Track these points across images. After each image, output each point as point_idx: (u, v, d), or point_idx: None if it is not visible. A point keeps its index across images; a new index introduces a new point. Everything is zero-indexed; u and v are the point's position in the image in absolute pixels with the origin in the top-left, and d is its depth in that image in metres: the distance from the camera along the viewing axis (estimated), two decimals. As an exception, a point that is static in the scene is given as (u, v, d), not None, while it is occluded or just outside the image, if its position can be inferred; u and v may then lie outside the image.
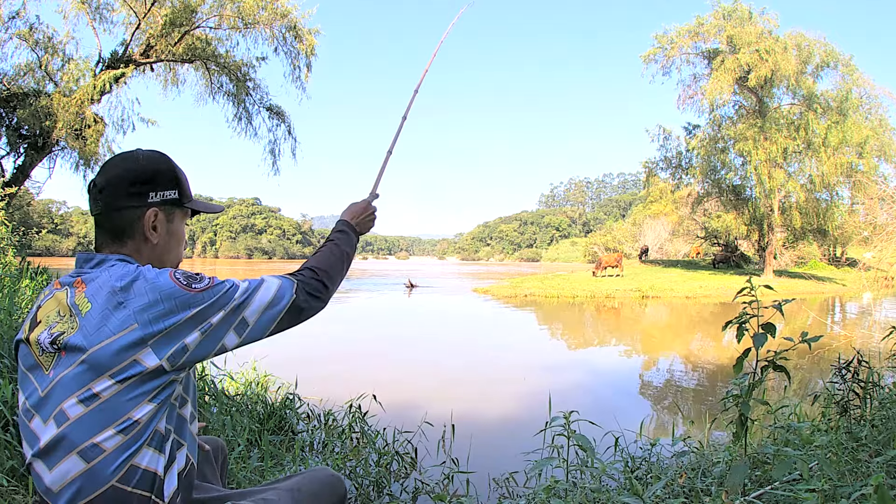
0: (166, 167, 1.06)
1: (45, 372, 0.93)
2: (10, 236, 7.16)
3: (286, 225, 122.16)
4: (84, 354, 0.89)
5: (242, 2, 13.13)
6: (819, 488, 1.63)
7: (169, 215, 1.07)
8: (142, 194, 1.02)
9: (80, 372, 0.90)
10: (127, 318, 0.90)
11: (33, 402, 0.94)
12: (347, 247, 1.29)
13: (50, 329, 0.94)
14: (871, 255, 15.53)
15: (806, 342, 1.65)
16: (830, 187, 22.85)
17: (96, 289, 0.94)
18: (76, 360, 0.90)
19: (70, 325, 0.93)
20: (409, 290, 22.10)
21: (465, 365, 7.22)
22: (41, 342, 0.94)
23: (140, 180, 1.02)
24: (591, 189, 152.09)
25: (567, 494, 2.23)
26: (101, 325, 0.90)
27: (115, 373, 0.89)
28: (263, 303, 1.02)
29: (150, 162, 1.05)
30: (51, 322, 0.95)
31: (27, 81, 12.80)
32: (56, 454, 0.90)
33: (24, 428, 0.95)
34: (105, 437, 0.89)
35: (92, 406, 0.89)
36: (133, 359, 0.90)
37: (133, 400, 0.91)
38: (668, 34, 24.16)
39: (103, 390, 0.89)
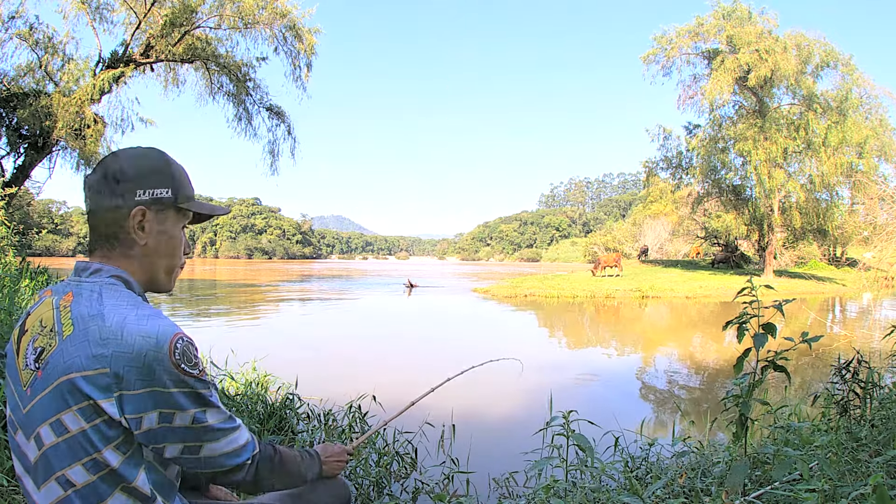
0: (159, 163, 0.98)
1: (23, 388, 0.90)
2: (11, 236, 7.16)
3: (286, 225, 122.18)
4: (55, 382, 0.86)
5: (242, 2, 13.14)
6: (819, 488, 1.64)
7: (160, 215, 0.98)
8: (128, 193, 0.94)
9: (51, 399, 0.86)
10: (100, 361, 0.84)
11: (16, 417, 0.91)
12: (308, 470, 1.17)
13: (34, 342, 0.90)
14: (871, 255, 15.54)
15: (806, 342, 1.65)
16: (830, 187, 22.85)
17: (82, 312, 0.88)
18: (49, 384, 0.86)
19: (50, 341, 0.88)
20: (409, 290, 22.10)
21: (464, 365, 7.21)
22: (27, 356, 0.90)
23: (127, 177, 0.94)
24: (591, 189, 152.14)
25: (567, 494, 2.23)
26: (74, 356, 0.85)
27: (81, 409, 0.85)
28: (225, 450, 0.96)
29: (141, 158, 0.97)
30: (35, 333, 0.91)
31: (27, 81, 12.81)
32: (40, 475, 0.87)
33: (11, 439, 0.92)
34: (75, 472, 0.85)
35: (62, 437, 0.85)
36: (93, 403, 0.85)
37: (101, 442, 0.86)
38: (668, 35, 24.16)
39: (71, 424, 0.85)
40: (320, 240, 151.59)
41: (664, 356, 8.62)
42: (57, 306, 0.91)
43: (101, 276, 0.93)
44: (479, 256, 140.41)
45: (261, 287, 23.06)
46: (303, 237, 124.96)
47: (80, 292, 0.91)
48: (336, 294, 20.04)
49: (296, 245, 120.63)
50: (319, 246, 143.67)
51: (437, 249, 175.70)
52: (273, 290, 21.66)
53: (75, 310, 0.88)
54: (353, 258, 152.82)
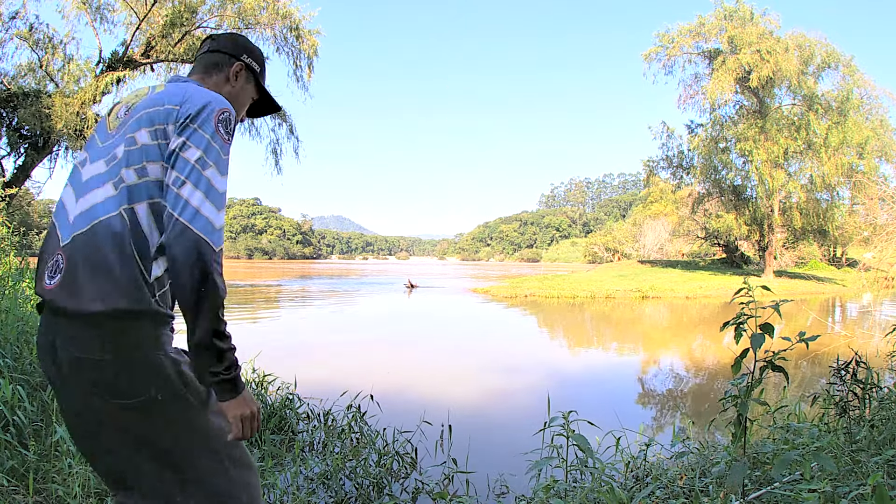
0: (262, 56, 1.39)
1: (108, 131, 1.16)
2: (11, 237, 7.17)
3: (286, 225, 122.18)
4: (139, 113, 1.11)
5: (243, 2, 13.15)
6: (819, 488, 1.64)
7: (247, 77, 1.34)
8: (239, 52, 1.32)
9: (132, 125, 1.11)
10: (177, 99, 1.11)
11: (91, 153, 1.15)
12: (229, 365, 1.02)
13: (126, 106, 1.18)
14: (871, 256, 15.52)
15: (803, 342, 1.66)
16: (831, 188, 22.85)
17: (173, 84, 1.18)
18: (133, 116, 1.12)
19: (140, 98, 1.17)
20: (410, 290, 22.10)
21: (464, 365, 7.23)
22: (118, 114, 1.18)
23: (243, 45, 1.34)
24: (592, 189, 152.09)
25: (567, 494, 2.23)
26: (161, 96, 1.13)
27: (151, 131, 1.08)
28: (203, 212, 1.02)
29: (256, 47, 1.38)
30: (128, 101, 1.20)
31: (28, 81, 12.82)
32: (94, 184, 1.09)
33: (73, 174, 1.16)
34: (127, 173, 1.06)
35: (130, 148, 1.08)
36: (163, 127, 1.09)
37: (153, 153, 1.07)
38: (670, 33, 24.17)
39: (140, 138, 1.08)
40: (320, 240, 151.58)
41: (664, 356, 8.62)
42: (153, 88, 1.20)
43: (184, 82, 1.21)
44: (480, 257, 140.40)
45: (260, 287, 23.07)
46: (303, 237, 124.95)
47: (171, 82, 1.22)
48: (336, 294, 20.04)
49: (296, 245, 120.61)
50: (319, 246, 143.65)
51: (437, 250, 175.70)
52: (273, 289, 21.66)
53: (168, 84, 1.19)
54: (353, 258, 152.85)
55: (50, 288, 1.06)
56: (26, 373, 2.83)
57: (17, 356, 2.92)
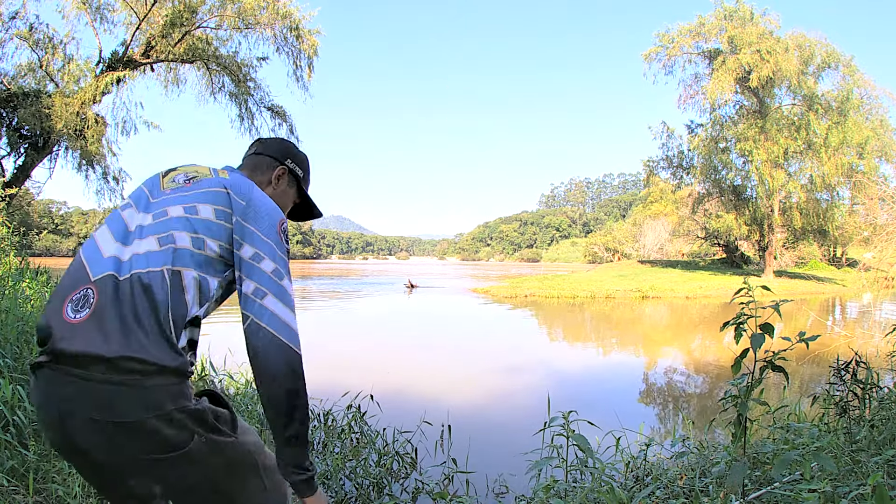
0: (306, 162, 1.44)
1: (160, 189, 1.18)
2: (11, 237, 7.16)
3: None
4: (208, 188, 1.15)
5: (243, 2, 13.14)
6: (819, 488, 1.64)
7: (290, 181, 1.38)
8: (283, 157, 1.37)
9: (196, 194, 1.14)
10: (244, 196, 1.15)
11: (137, 202, 1.16)
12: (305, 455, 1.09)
13: (186, 175, 1.21)
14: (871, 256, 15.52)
15: (803, 342, 1.65)
16: (831, 188, 22.85)
17: (237, 176, 1.22)
18: (199, 189, 1.15)
19: (204, 175, 1.20)
20: (410, 290, 22.10)
21: (464, 365, 7.23)
22: (175, 177, 1.20)
23: (288, 150, 1.39)
24: (592, 189, 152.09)
25: (567, 494, 2.23)
26: (231, 182, 1.17)
27: (217, 209, 1.12)
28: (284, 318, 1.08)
29: (301, 152, 1.43)
30: (188, 171, 1.22)
31: (28, 81, 12.81)
32: (139, 235, 1.09)
33: (113, 216, 1.16)
34: (181, 236, 1.08)
35: (189, 216, 1.11)
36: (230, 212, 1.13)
37: (214, 231, 1.10)
38: (670, 33, 24.17)
39: (203, 211, 1.12)
40: (320, 240, 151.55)
41: (664, 357, 8.62)
42: (215, 171, 1.24)
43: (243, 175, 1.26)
44: (480, 257, 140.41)
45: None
46: (303, 237, 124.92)
47: (231, 172, 1.25)
48: (336, 294, 20.04)
49: (296, 245, 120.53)
50: (319, 246, 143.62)
51: (437, 249, 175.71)
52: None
53: (231, 173, 1.23)
54: (353, 258, 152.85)
55: (73, 322, 0.98)
56: (26, 373, 2.82)
57: (17, 356, 2.92)
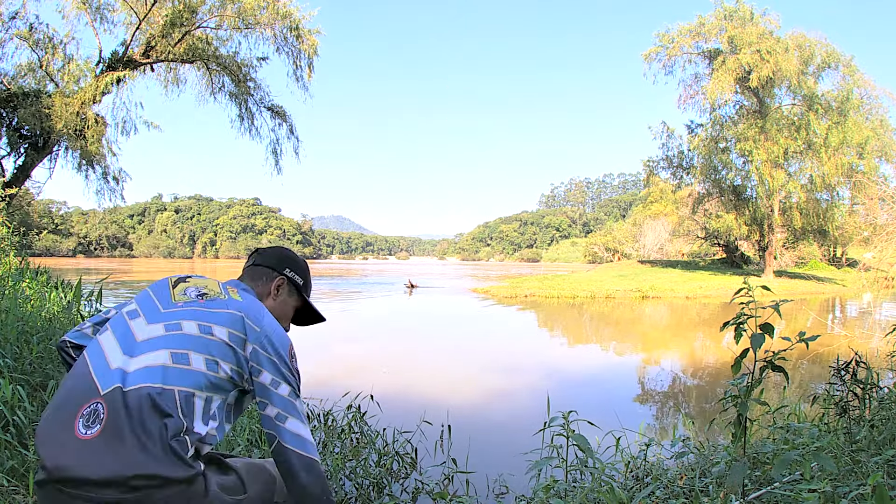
0: (305, 268, 1.49)
1: (171, 301, 1.21)
2: (11, 237, 7.16)
3: (286, 225, 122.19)
4: (224, 310, 1.18)
5: (243, 2, 13.13)
6: (819, 489, 1.64)
7: (290, 290, 1.43)
8: (282, 267, 1.42)
9: (211, 314, 1.17)
10: (258, 322, 1.19)
11: (146, 311, 1.19)
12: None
13: (198, 289, 1.24)
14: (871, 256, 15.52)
15: (803, 342, 1.65)
16: (831, 188, 22.84)
17: (249, 298, 1.26)
18: (213, 308, 1.18)
19: (218, 294, 1.24)
20: (410, 290, 22.10)
21: (464, 365, 7.23)
22: (187, 291, 1.24)
23: (286, 258, 1.44)
24: (592, 189, 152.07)
25: (567, 494, 2.23)
26: (246, 307, 1.21)
27: (232, 334, 1.16)
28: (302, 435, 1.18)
29: (300, 258, 1.49)
30: (199, 286, 1.26)
31: (28, 81, 12.81)
32: (149, 348, 1.10)
33: (119, 322, 1.18)
34: (196, 357, 1.11)
35: (203, 335, 1.14)
36: (245, 339, 1.17)
37: (228, 356, 1.14)
38: (670, 33, 24.17)
39: (218, 333, 1.15)
40: (320, 240, 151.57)
41: (664, 357, 8.62)
42: (224, 289, 1.28)
43: (251, 293, 1.32)
44: (480, 257, 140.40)
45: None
46: (303, 237, 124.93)
47: (241, 292, 1.29)
48: (336, 294, 20.05)
49: (296, 245, 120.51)
50: (319, 246, 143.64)
51: (437, 249, 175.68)
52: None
53: (241, 294, 1.27)
54: (353, 258, 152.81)
55: (85, 438, 0.99)
56: (26, 373, 2.83)
57: (17, 356, 2.92)
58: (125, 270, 39.89)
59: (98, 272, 31.82)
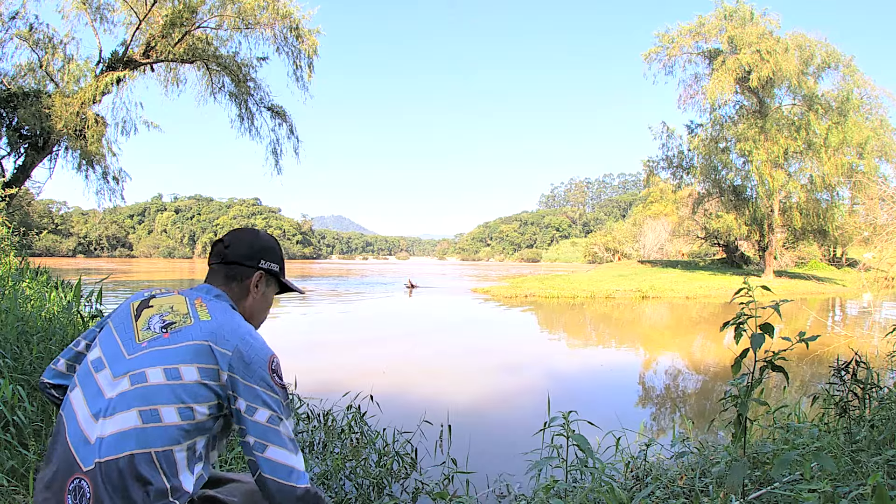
0: (277, 248, 1.35)
1: (135, 341, 1.10)
2: (11, 237, 7.17)
3: (286, 225, 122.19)
4: (189, 342, 1.08)
5: (243, 2, 13.14)
6: (819, 488, 1.64)
7: (268, 281, 1.32)
8: (257, 259, 1.29)
9: (176, 353, 1.07)
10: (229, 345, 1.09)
11: (111, 359, 1.09)
12: None
13: (162, 316, 1.13)
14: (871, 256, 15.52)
15: (803, 342, 1.65)
16: (831, 188, 22.84)
17: (219, 312, 1.15)
18: (178, 343, 1.08)
19: (184, 319, 1.12)
20: (410, 290, 22.09)
21: (464, 365, 7.22)
22: (151, 323, 1.12)
23: (258, 250, 1.30)
24: (592, 189, 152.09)
25: (567, 494, 2.23)
26: (213, 332, 1.10)
27: (202, 369, 1.06)
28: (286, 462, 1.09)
29: (269, 240, 1.34)
30: (163, 311, 1.14)
31: (28, 81, 12.82)
32: (118, 407, 1.02)
33: (86, 375, 1.09)
34: (168, 410, 1.02)
35: (171, 382, 1.04)
36: (217, 368, 1.07)
37: (202, 396, 1.05)
38: (670, 33, 24.17)
39: (187, 375, 1.05)
40: (320, 240, 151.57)
41: (664, 357, 8.62)
42: (192, 303, 1.17)
43: (222, 300, 1.22)
44: (480, 257, 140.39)
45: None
46: (303, 237, 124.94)
47: (210, 301, 1.18)
48: (336, 294, 20.05)
49: (296, 245, 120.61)
50: (319, 246, 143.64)
51: (437, 250, 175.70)
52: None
53: (210, 308, 1.16)
54: (353, 258, 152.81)
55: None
56: (26, 373, 2.82)
57: (17, 356, 2.91)
58: (125, 270, 39.89)
59: (98, 272, 31.83)
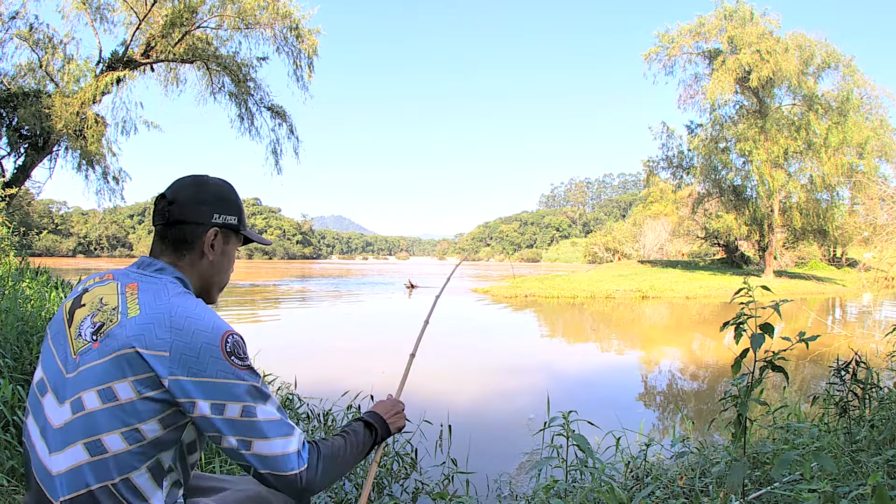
0: (231, 195, 1.13)
1: (72, 356, 0.95)
2: (11, 237, 7.17)
3: (286, 225, 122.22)
4: (115, 353, 0.92)
5: (243, 2, 13.14)
6: (819, 488, 1.64)
7: (226, 237, 1.12)
8: (208, 213, 1.08)
9: (107, 368, 0.91)
10: (163, 343, 0.92)
11: (53, 381, 0.96)
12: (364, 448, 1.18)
13: (92, 317, 0.97)
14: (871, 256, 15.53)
15: (803, 342, 1.65)
16: (831, 188, 22.85)
17: (149, 299, 0.97)
18: (107, 355, 0.92)
19: (111, 317, 0.95)
20: (410, 290, 22.10)
21: (464, 365, 7.22)
22: (82, 329, 0.97)
23: (209, 202, 1.08)
24: (592, 189, 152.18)
25: (567, 494, 2.23)
26: (140, 333, 0.92)
27: (137, 381, 0.91)
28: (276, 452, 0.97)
29: (219, 188, 1.12)
30: (94, 309, 0.98)
31: (27, 81, 12.82)
32: (65, 438, 0.91)
33: (34, 400, 0.97)
34: (111, 438, 0.90)
35: (108, 404, 0.90)
36: (154, 376, 0.91)
37: (146, 412, 0.91)
38: (670, 33, 24.19)
39: (122, 393, 0.91)
40: (320, 240, 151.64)
41: (664, 357, 8.62)
42: (122, 291, 0.99)
43: (164, 275, 1.03)
44: (480, 256, 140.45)
45: (260, 287, 23.06)
46: (303, 237, 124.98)
47: (146, 284, 1.00)
48: (336, 294, 20.05)
49: (296, 245, 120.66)
50: (319, 246, 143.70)
51: (437, 249, 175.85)
52: (273, 289, 21.66)
53: (142, 297, 0.97)
54: (353, 258, 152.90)
55: None
56: (26, 373, 2.82)
57: (17, 356, 2.91)
58: (125, 270, 39.80)
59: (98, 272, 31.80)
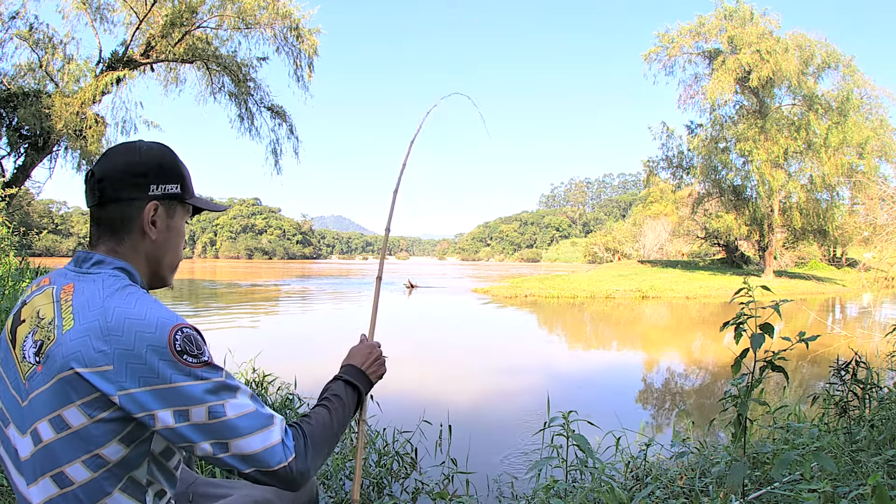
0: (170, 160, 0.97)
1: (21, 381, 0.86)
2: (11, 237, 7.17)
3: (286, 225, 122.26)
4: (57, 376, 0.81)
5: (243, 2, 13.15)
6: (819, 488, 1.64)
7: (170, 210, 0.97)
8: (143, 186, 0.93)
9: (53, 393, 0.82)
10: (103, 357, 0.80)
11: (11, 411, 0.87)
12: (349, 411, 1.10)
13: (33, 334, 0.86)
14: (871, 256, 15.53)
15: (803, 342, 1.65)
16: (831, 188, 22.86)
17: (83, 304, 0.85)
18: (50, 379, 0.82)
19: (49, 334, 0.84)
20: (410, 290, 22.10)
21: (464, 365, 7.22)
22: (25, 350, 0.86)
23: (142, 172, 0.93)
24: (592, 189, 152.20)
25: (567, 494, 2.23)
26: (76, 350, 0.81)
27: (85, 404, 0.81)
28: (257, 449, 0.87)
29: (153, 154, 0.95)
30: (33, 325, 0.87)
31: (27, 81, 12.83)
32: (34, 471, 0.84)
33: (1, 434, 0.89)
34: (74, 469, 0.82)
35: (62, 434, 0.81)
36: (101, 395, 0.81)
37: (103, 437, 0.82)
38: (670, 33, 24.20)
39: (73, 419, 0.81)
40: (320, 240, 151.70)
41: (664, 357, 8.62)
42: (57, 299, 0.87)
43: (103, 268, 0.90)
44: (480, 256, 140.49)
45: (261, 287, 23.06)
46: (303, 237, 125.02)
47: (81, 285, 0.88)
48: (336, 294, 20.05)
49: (296, 245, 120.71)
50: (319, 246, 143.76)
51: (437, 250, 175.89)
52: (273, 289, 21.66)
53: (76, 302, 0.85)
54: (353, 258, 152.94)
55: None
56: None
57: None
58: (125, 270, 39.79)
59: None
